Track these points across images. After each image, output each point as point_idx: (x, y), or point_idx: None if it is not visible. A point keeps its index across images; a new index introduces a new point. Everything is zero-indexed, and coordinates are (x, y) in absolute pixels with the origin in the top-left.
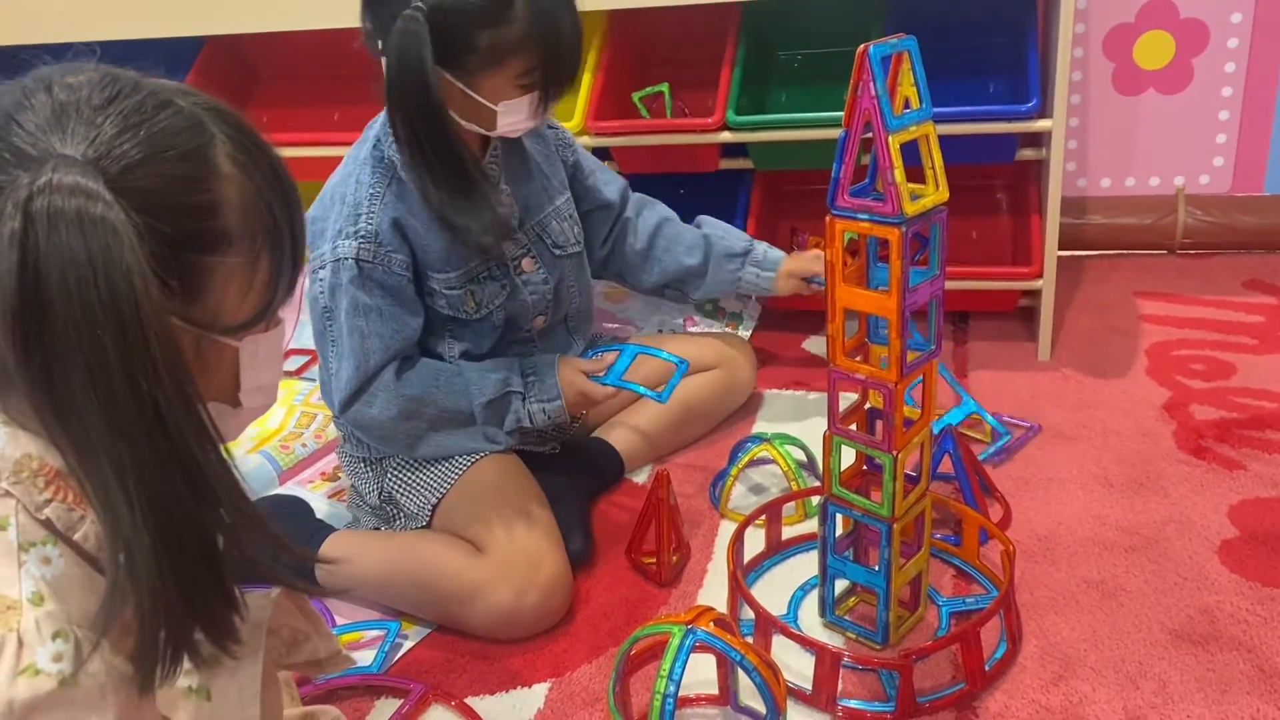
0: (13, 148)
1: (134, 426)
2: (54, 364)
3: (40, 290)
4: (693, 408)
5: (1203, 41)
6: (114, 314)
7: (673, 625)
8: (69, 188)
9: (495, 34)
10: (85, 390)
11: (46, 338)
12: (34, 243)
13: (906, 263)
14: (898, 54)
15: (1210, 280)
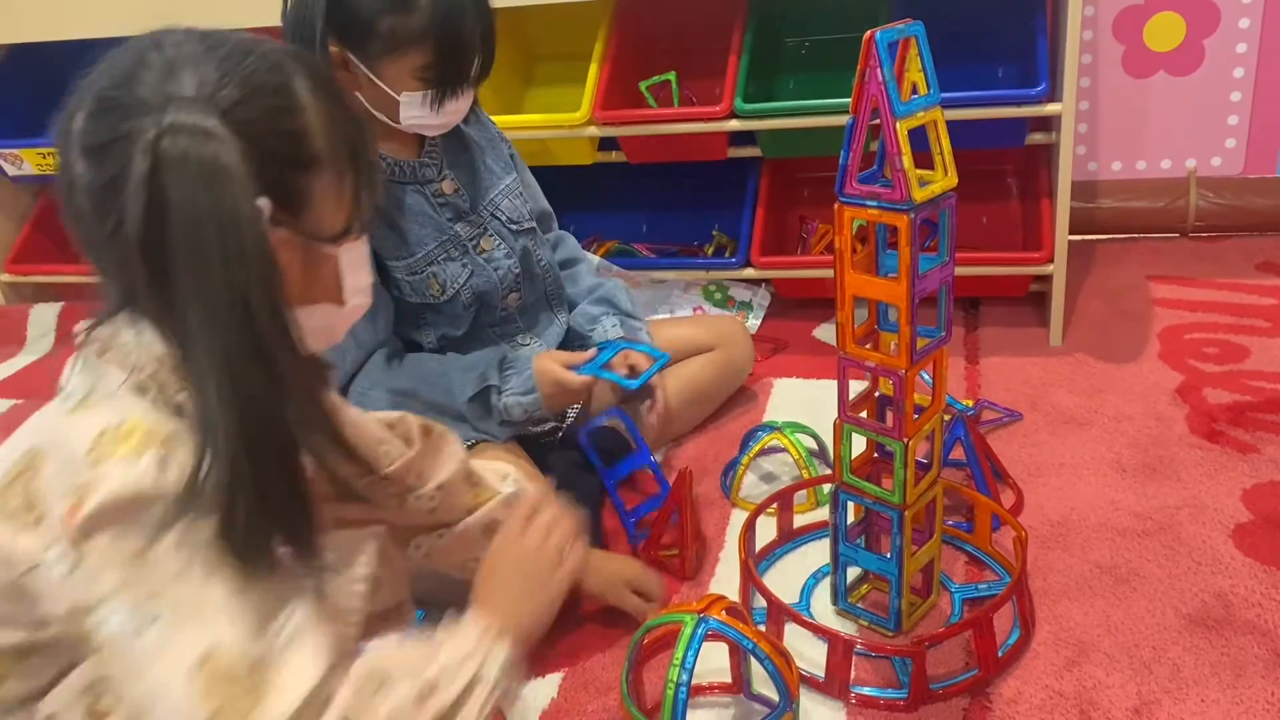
0: (138, 99)
1: (227, 321)
2: (171, 269)
3: (164, 210)
4: (695, 389)
5: (1213, 22)
6: (219, 225)
7: (685, 614)
8: (189, 126)
9: (396, 21)
10: (190, 290)
11: (168, 248)
12: (161, 174)
13: (916, 249)
14: (905, 39)
15: (1222, 263)
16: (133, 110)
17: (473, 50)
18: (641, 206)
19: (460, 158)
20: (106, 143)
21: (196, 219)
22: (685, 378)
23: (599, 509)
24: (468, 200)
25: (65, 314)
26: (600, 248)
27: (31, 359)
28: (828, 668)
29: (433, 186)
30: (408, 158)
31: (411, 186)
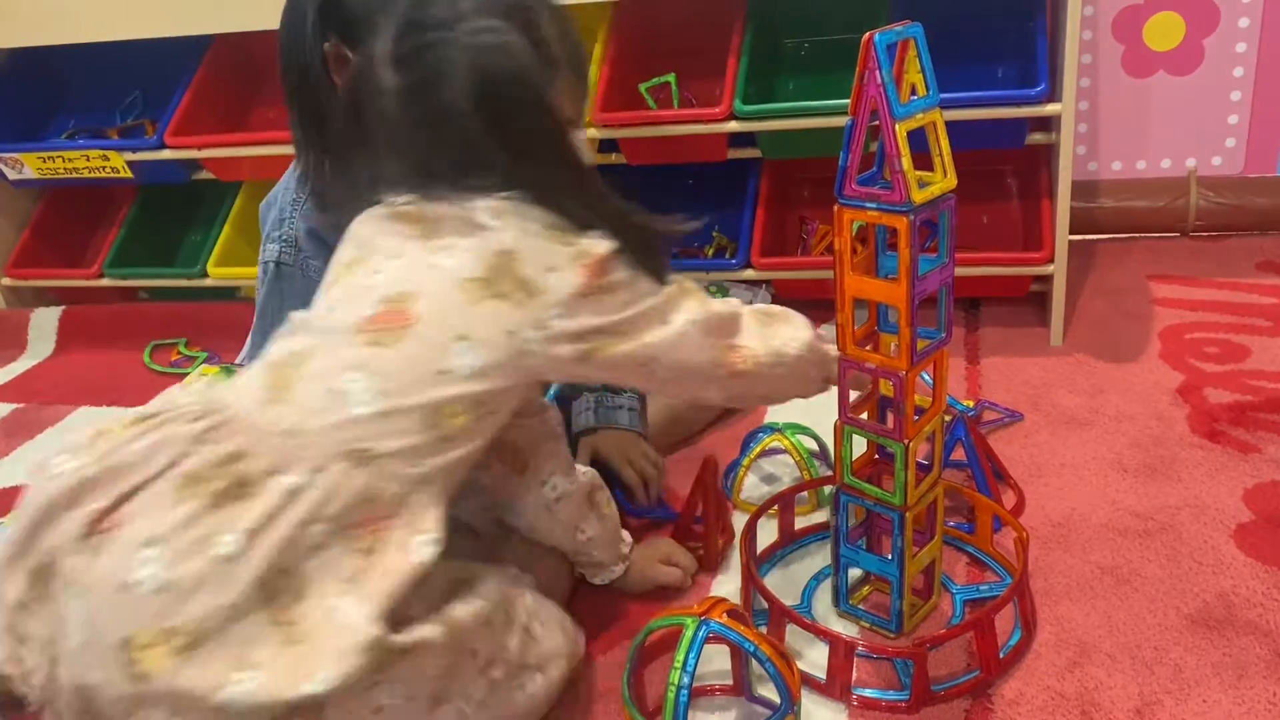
0: (435, 19)
1: (556, 159)
2: (501, 126)
3: (484, 83)
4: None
5: (1213, 22)
6: (530, 94)
7: (686, 617)
8: (487, 27)
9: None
10: (523, 133)
11: (502, 118)
12: (478, 59)
13: (915, 251)
14: (903, 41)
15: (1223, 262)
16: (432, 27)
17: None
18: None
19: None
20: (412, 52)
21: (511, 82)
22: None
23: None
24: None
25: (66, 318)
26: None
27: (32, 363)
28: (829, 669)
29: None
30: None
31: None
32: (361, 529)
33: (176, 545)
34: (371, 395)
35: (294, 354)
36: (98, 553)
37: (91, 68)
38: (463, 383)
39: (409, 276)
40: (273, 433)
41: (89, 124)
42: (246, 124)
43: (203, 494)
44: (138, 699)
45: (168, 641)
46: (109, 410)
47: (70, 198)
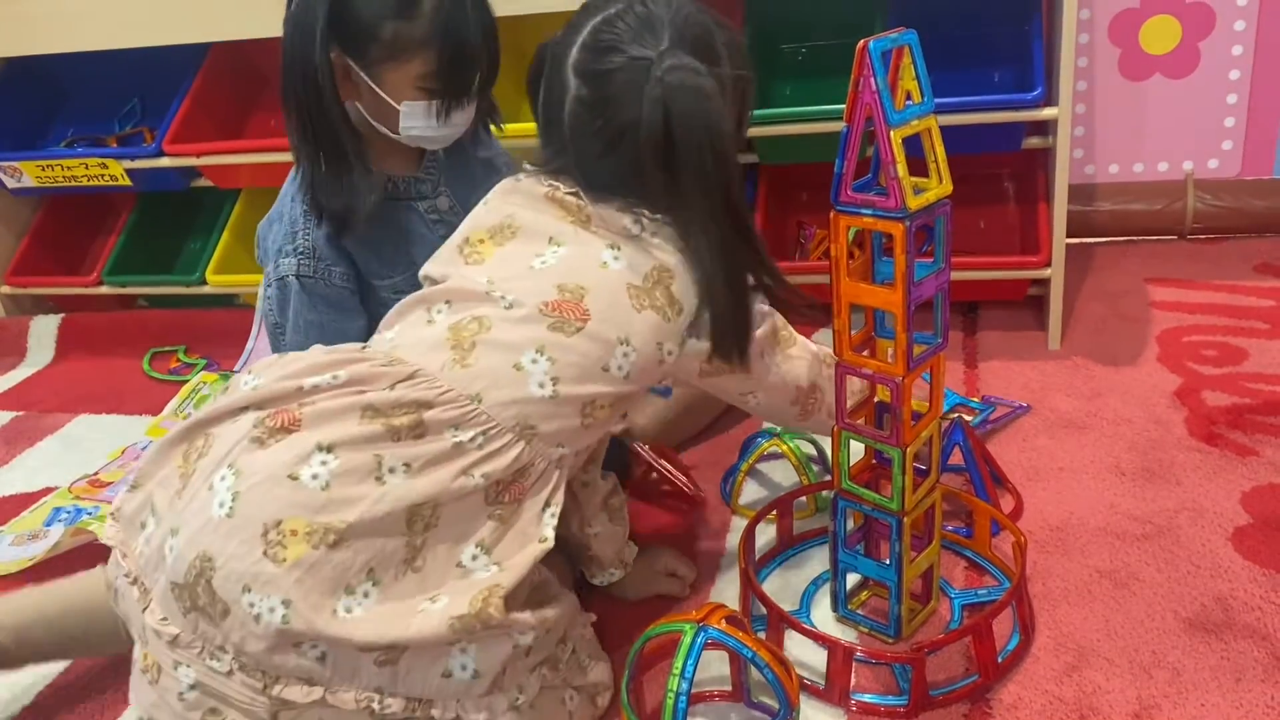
0: (628, 42)
1: (718, 198)
2: (674, 163)
3: (671, 121)
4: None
5: (1209, 25)
6: (710, 141)
7: (684, 623)
8: (684, 65)
9: (399, 27)
10: (692, 177)
11: (673, 148)
12: (669, 97)
13: (911, 257)
14: (898, 48)
15: (1221, 265)
16: (625, 50)
17: (476, 59)
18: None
19: (460, 174)
20: (604, 71)
21: (696, 127)
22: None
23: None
24: (463, 216)
25: (65, 326)
26: None
27: (31, 371)
28: (828, 675)
29: (427, 203)
30: (406, 173)
31: (405, 203)
32: (506, 494)
33: (349, 459)
34: (548, 379)
35: (474, 319)
36: (265, 445)
37: (90, 76)
38: (617, 382)
39: (580, 268)
40: (461, 395)
41: (88, 132)
42: (245, 131)
43: (381, 424)
44: (258, 578)
45: (315, 535)
46: (109, 418)
47: (69, 205)
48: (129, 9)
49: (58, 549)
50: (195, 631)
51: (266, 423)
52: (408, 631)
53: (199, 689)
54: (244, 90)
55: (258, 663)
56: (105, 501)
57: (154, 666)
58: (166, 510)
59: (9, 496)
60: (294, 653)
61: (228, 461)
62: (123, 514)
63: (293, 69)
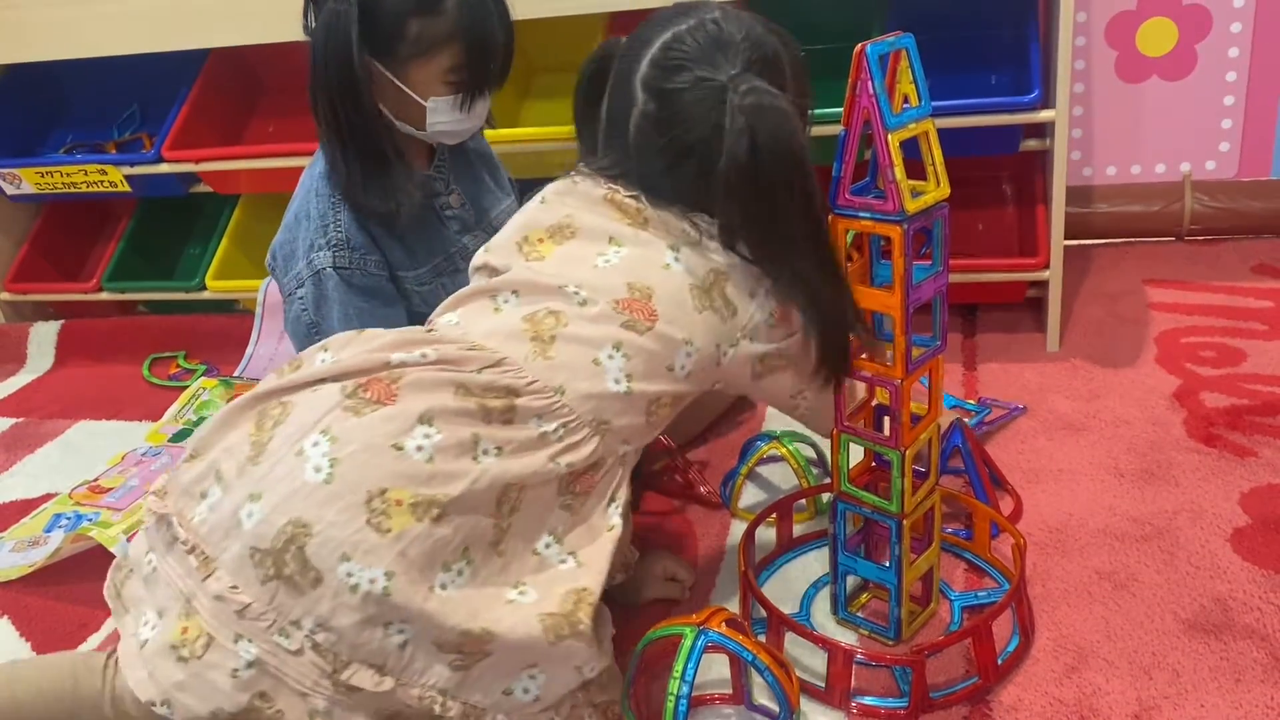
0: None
1: (807, 238)
2: (759, 191)
3: (756, 146)
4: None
5: (1205, 27)
6: (795, 166)
7: (685, 627)
8: (760, 88)
9: (424, 23)
10: (777, 204)
11: (758, 173)
12: (753, 122)
13: (909, 260)
14: (895, 52)
15: (1219, 266)
16: (695, 69)
17: (498, 49)
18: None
19: (465, 172)
20: (673, 90)
21: (780, 153)
22: None
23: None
24: (472, 214)
25: (65, 332)
26: None
27: (31, 377)
28: (828, 677)
29: (441, 200)
30: (419, 170)
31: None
32: (577, 484)
33: (450, 433)
34: (623, 375)
35: (550, 312)
36: (360, 414)
37: (89, 82)
38: (678, 381)
39: (644, 269)
40: (545, 386)
41: (87, 138)
42: (244, 137)
43: (475, 404)
44: (359, 547)
45: (420, 507)
46: (109, 424)
47: (69, 212)
48: (127, 16)
49: (58, 555)
50: (270, 602)
51: (360, 393)
52: (500, 625)
53: (257, 667)
54: (243, 96)
55: (339, 638)
56: (106, 508)
57: (198, 640)
58: (237, 477)
59: (9, 503)
60: (380, 631)
61: (320, 428)
62: (176, 483)
63: (327, 75)
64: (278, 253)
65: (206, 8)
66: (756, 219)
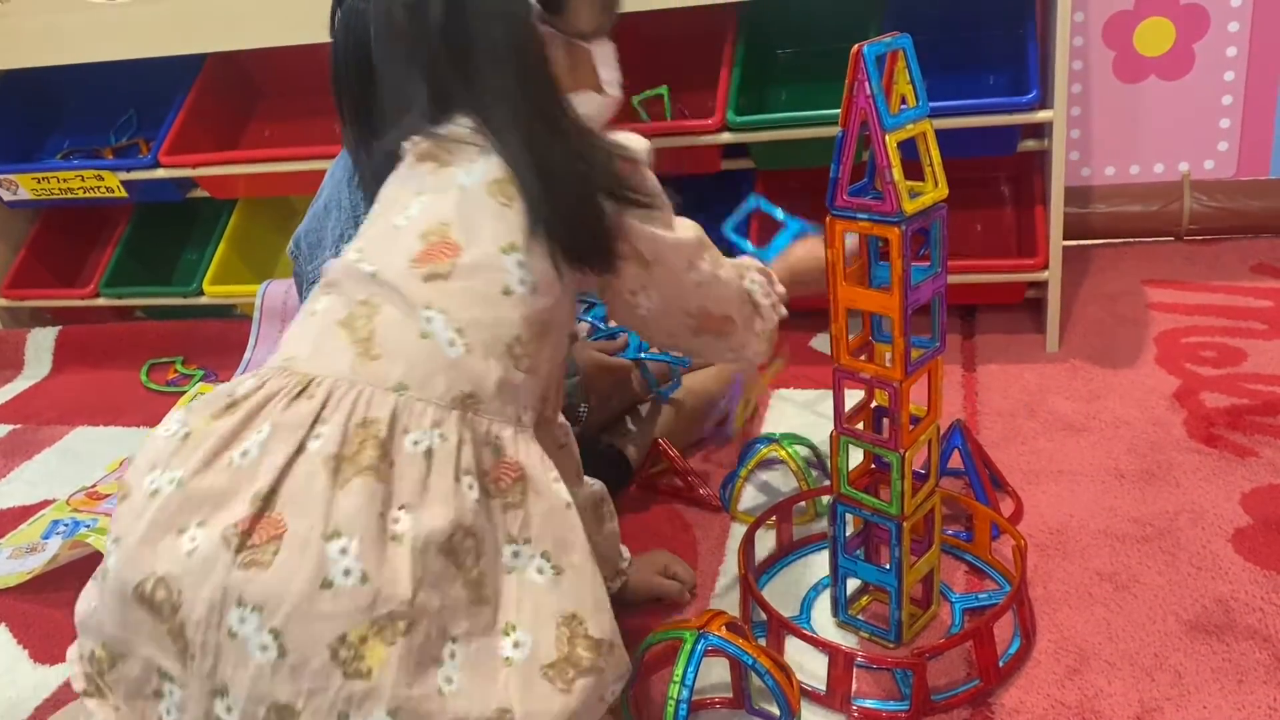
0: None
1: (516, 92)
2: (470, 58)
3: (462, 11)
4: (698, 406)
5: (1203, 26)
6: (504, 19)
7: (684, 630)
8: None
9: None
10: (488, 71)
11: (468, 41)
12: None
13: (907, 261)
14: (892, 52)
15: (1218, 266)
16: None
17: None
18: None
19: None
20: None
21: (487, 13)
22: (695, 389)
23: None
24: None
25: (62, 338)
26: None
27: (29, 383)
28: (829, 681)
29: None
30: None
31: None
32: (502, 479)
33: (363, 535)
34: (455, 335)
35: (362, 304)
36: (264, 565)
37: (85, 88)
38: (526, 302)
39: (438, 203)
40: (386, 389)
41: (83, 144)
42: (241, 142)
43: (356, 475)
44: (352, 700)
45: (386, 630)
46: (106, 430)
47: (66, 217)
48: (123, 21)
49: (55, 562)
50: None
51: (250, 545)
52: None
53: None
54: (239, 101)
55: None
56: (104, 514)
57: None
58: (185, 673)
59: (7, 509)
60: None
61: (234, 600)
62: (119, 691)
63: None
64: (303, 240)
65: (202, 12)
66: (468, 81)
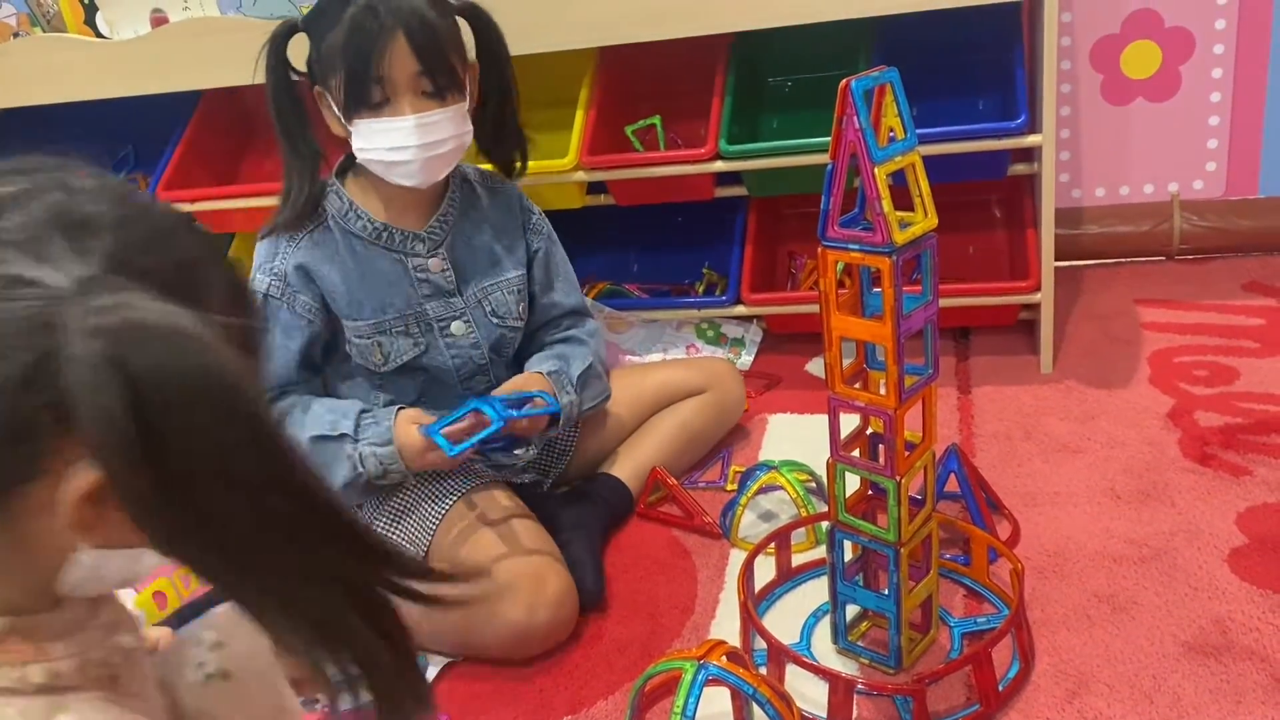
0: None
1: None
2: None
3: (145, 409)
4: (690, 433)
5: (1188, 49)
6: (234, 420)
7: (685, 661)
8: (131, 303)
9: (323, 43)
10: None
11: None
12: (121, 358)
13: (899, 290)
14: (880, 86)
15: (1209, 285)
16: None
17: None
18: (632, 247)
19: (468, 237)
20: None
21: (191, 400)
22: (678, 421)
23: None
24: (453, 282)
25: None
26: (592, 289)
27: None
28: (829, 708)
29: (416, 261)
30: (409, 226)
31: (393, 255)
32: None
33: None
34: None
35: None
36: None
37: (84, 125)
38: None
39: None
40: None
41: None
42: (238, 176)
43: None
44: None
45: None
46: None
47: None
48: (120, 58)
49: None
50: None
51: None
52: None
53: None
54: (237, 136)
55: None
56: None
57: None
58: None
59: None
60: None
61: None
62: None
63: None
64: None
65: (199, 49)
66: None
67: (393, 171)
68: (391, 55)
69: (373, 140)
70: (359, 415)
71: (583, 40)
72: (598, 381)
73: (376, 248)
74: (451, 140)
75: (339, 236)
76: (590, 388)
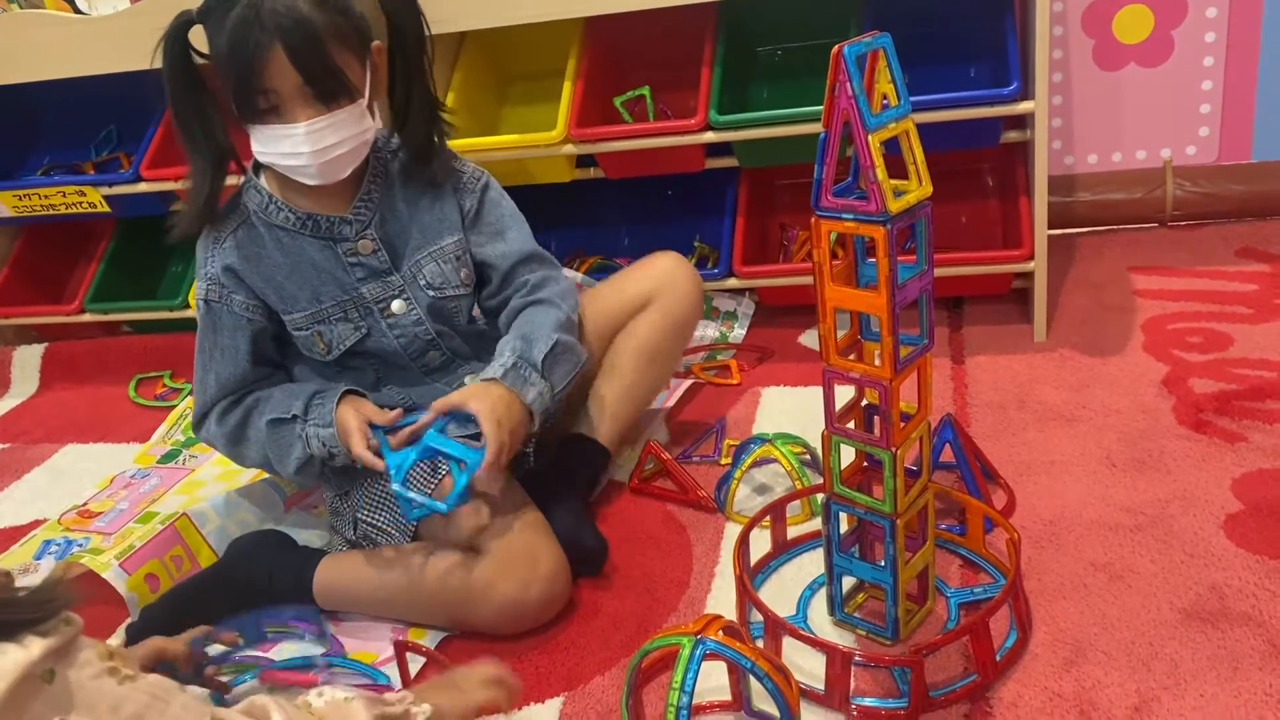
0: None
1: None
2: None
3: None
4: (650, 353)
5: (1181, 13)
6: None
7: (682, 636)
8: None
9: (213, 44)
10: None
11: None
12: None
13: (894, 260)
14: (873, 52)
15: (1202, 251)
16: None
17: (262, 65)
18: (622, 220)
19: (396, 212)
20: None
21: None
22: (636, 347)
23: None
24: (386, 261)
25: (48, 355)
26: (583, 263)
27: (16, 402)
28: (827, 680)
29: (346, 245)
30: (334, 211)
31: (321, 242)
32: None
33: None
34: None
35: None
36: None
37: (64, 103)
38: None
39: None
40: None
41: (64, 160)
42: None
43: None
44: None
45: None
46: (96, 447)
47: (48, 234)
48: (101, 35)
49: None
50: None
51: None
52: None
53: None
54: None
55: None
56: (96, 532)
57: None
58: None
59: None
60: None
61: None
62: None
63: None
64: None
65: None
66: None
67: (294, 173)
68: (272, 68)
69: (268, 145)
70: (310, 397)
71: (568, 10)
72: (568, 355)
73: (304, 237)
74: (348, 142)
75: (264, 231)
76: (560, 366)
